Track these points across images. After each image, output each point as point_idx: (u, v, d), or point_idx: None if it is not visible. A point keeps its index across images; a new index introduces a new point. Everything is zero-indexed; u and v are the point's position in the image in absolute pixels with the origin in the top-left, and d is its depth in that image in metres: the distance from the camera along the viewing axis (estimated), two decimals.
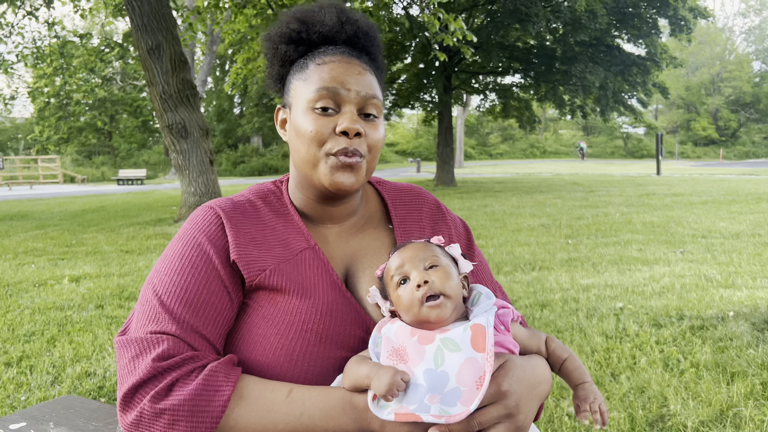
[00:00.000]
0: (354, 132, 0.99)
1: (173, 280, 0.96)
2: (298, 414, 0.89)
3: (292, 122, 1.05)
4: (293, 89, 1.06)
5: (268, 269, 0.99)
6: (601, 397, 0.88)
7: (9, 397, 2.91)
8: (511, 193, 15.59)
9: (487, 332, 0.86)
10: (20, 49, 16.09)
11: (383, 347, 0.90)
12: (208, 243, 0.99)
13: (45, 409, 1.17)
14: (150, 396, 0.87)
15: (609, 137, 61.56)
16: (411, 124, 61.14)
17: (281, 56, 1.09)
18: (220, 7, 11.99)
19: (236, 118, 43.76)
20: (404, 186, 1.26)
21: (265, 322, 0.97)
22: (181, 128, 9.14)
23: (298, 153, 1.04)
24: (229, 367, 0.91)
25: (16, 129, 46.84)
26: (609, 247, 6.69)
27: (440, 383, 0.83)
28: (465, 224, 1.26)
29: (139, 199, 17.31)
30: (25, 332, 3.95)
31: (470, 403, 0.81)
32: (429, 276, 0.90)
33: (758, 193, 13.19)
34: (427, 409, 0.82)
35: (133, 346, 0.91)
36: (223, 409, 0.88)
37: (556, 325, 3.79)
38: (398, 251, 0.98)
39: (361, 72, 1.03)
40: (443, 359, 0.85)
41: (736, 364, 2.99)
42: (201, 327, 0.94)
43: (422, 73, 20.17)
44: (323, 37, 1.06)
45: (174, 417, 0.86)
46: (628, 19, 17.74)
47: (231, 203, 1.07)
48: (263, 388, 0.92)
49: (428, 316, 0.88)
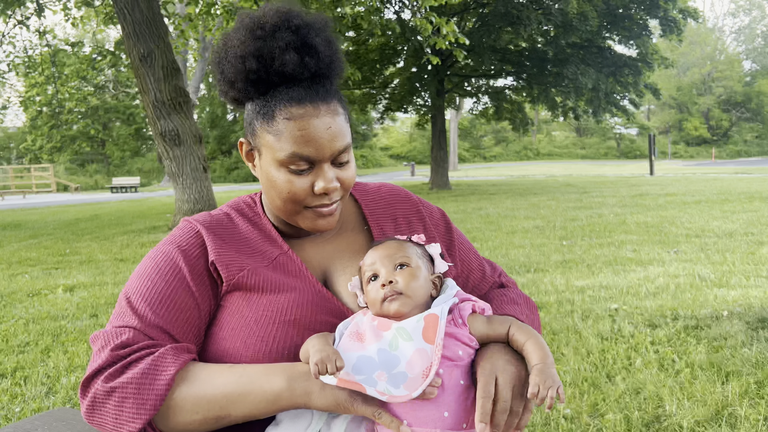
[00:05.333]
0: (333, 190, 1.02)
1: (143, 283, 1.02)
2: (237, 375, 0.93)
3: (263, 169, 1.05)
4: (261, 137, 1.02)
5: (246, 269, 1.03)
6: (555, 381, 0.86)
7: (3, 408, 2.89)
8: (505, 196, 15.62)
9: (438, 324, 0.90)
10: (12, 59, 16.05)
11: (348, 330, 0.95)
12: (179, 253, 1.04)
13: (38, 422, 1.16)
14: (103, 377, 0.91)
15: (602, 138, 61.74)
16: (404, 128, 61.18)
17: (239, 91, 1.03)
18: (212, 14, 11.98)
19: (230, 125, 43.69)
20: (376, 186, 1.28)
21: (240, 317, 1.00)
22: (174, 135, 9.12)
23: (273, 201, 1.06)
24: (179, 352, 0.95)
25: (9, 138, 46.62)
26: (603, 248, 6.71)
27: (391, 364, 0.88)
28: (441, 212, 1.29)
29: (133, 207, 17.26)
30: (19, 343, 3.93)
31: (414, 389, 0.85)
32: (395, 276, 0.97)
33: (751, 192, 13.26)
34: (373, 383, 0.86)
35: (100, 339, 0.97)
36: (167, 387, 0.91)
37: (551, 327, 3.80)
38: (374, 248, 1.03)
39: (330, 123, 0.99)
40: (397, 346, 0.90)
41: (731, 363, 3.00)
42: (163, 323, 0.98)
43: (415, 76, 20.20)
44: (284, 76, 0.99)
45: (123, 394, 0.90)
46: (618, 20, 17.83)
47: (208, 216, 1.13)
48: (209, 366, 0.96)
49: (388, 312, 0.95)
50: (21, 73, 16.73)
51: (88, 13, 14.44)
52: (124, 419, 0.90)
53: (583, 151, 60.51)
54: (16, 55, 16.06)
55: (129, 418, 0.89)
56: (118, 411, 0.90)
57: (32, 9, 14.19)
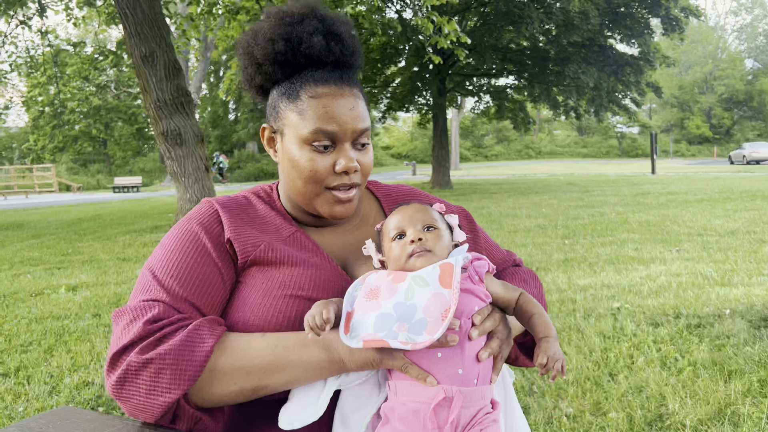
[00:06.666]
0: (353, 170, 1.04)
1: (167, 258, 1.03)
2: (273, 346, 0.95)
3: (285, 150, 1.07)
4: (284, 117, 1.06)
5: (262, 245, 1.05)
6: (561, 355, 0.92)
7: (7, 408, 2.90)
8: (507, 195, 15.62)
9: (454, 270, 0.91)
10: (14, 59, 16.06)
11: (361, 291, 0.96)
12: (201, 229, 1.06)
13: (42, 421, 1.17)
14: (138, 349, 0.91)
15: (603, 137, 61.66)
16: (406, 127, 61.15)
17: (266, 74, 1.09)
18: (213, 13, 11.99)
19: (231, 124, 43.73)
20: (395, 184, 1.32)
21: (260, 292, 1.01)
22: (176, 135, 9.13)
23: (294, 184, 1.07)
24: (213, 324, 0.96)
25: (11, 138, 46.69)
26: (605, 247, 6.70)
27: (408, 314, 0.89)
28: (464, 211, 1.31)
29: (135, 207, 17.28)
30: (22, 342, 3.94)
31: (435, 332, 0.86)
32: (424, 235, 0.98)
33: (753, 191, 13.24)
34: (395, 336, 0.87)
35: (127, 314, 0.96)
36: (206, 358, 0.91)
37: (554, 326, 3.79)
38: (400, 209, 1.05)
39: (353, 104, 1.04)
40: (413, 294, 0.91)
41: (734, 361, 3.00)
42: (191, 297, 0.98)
43: (416, 76, 20.19)
44: (310, 59, 1.06)
45: (160, 366, 0.89)
46: (620, 19, 17.80)
47: (226, 197, 1.15)
48: (243, 336, 0.97)
49: (413, 267, 0.96)
50: (23, 73, 16.75)
51: (89, 13, 14.44)
52: (160, 390, 0.89)
53: (585, 149, 60.43)
54: (19, 55, 16.07)
55: (165, 389, 0.89)
56: (154, 382, 0.89)
57: (34, 9, 14.21)
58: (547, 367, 0.90)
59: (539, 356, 0.92)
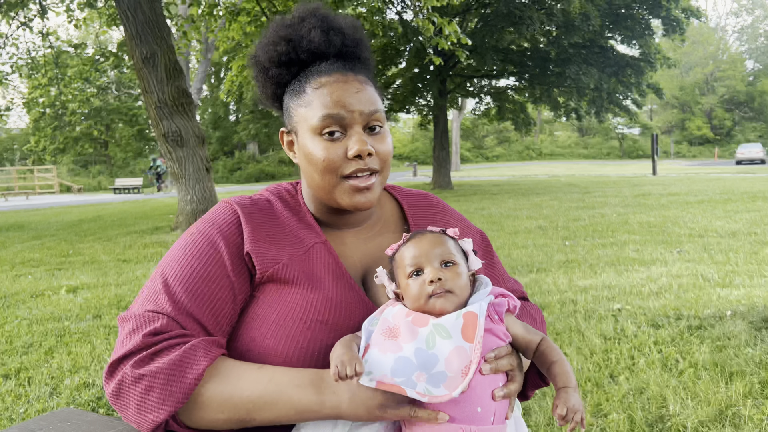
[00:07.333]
0: (366, 153, 1.01)
1: (181, 264, 1.01)
2: (266, 380, 0.93)
3: (300, 148, 1.07)
4: (295, 115, 1.06)
5: (281, 263, 1.03)
6: (581, 406, 0.89)
7: (8, 409, 2.90)
8: (507, 196, 15.61)
9: (478, 322, 0.89)
10: (15, 60, 16.09)
11: (379, 326, 0.93)
12: (221, 237, 1.03)
13: (42, 422, 1.17)
14: (133, 362, 0.91)
15: (604, 138, 61.67)
16: (407, 128, 61.19)
17: (274, 79, 1.10)
18: (214, 15, 12.02)
19: (232, 125, 43.79)
20: (418, 192, 1.30)
21: (273, 312, 1.00)
22: (177, 136, 9.14)
23: (312, 179, 1.06)
24: (211, 346, 0.95)
25: (12, 140, 46.77)
26: (606, 248, 6.70)
27: (429, 363, 0.87)
28: (482, 234, 1.28)
29: (135, 208, 17.29)
30: (22, 344, 3.94)
31: (453, 389, 0.85)
32: (443, 274, 0.94)
33: (754, 192, 13.23)
34: (413, 385, 0.85)
35: (131, 322, 0.96)
36: (197, 381, 0.91)
37: (554, 327, 3.79)
38: (415, 240, 1.00)
39: (359, 88, 1.03)
40: (434, 343, 0.88)
41: (735, 363, 2.99)
42: (197, 312, 0.97)
43: (417, 77, 20.21)
44: (312, 54, 1.06)
45: (150, 383, 0.89)
46: (621, 20, 17.82)
47: (249, 200, 1.12)
48: (239, 364, 0.96)
49: (432, 308, 0.92)
50: (24, 74, 16.77)
51: (90, 15, 14.48)
52: (148, 408, 0.89)
53: (586, 150, 60.44)
54: (20, 56, 16.09)
55: (153, 408, 0.89)
56: (144, 399, 0.90)
57: (35, 11, 14.24)
58: (567, 419, 0.87)
59: (559, 407, 0.89)
